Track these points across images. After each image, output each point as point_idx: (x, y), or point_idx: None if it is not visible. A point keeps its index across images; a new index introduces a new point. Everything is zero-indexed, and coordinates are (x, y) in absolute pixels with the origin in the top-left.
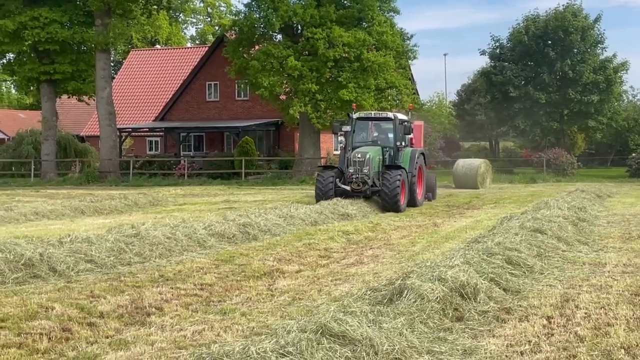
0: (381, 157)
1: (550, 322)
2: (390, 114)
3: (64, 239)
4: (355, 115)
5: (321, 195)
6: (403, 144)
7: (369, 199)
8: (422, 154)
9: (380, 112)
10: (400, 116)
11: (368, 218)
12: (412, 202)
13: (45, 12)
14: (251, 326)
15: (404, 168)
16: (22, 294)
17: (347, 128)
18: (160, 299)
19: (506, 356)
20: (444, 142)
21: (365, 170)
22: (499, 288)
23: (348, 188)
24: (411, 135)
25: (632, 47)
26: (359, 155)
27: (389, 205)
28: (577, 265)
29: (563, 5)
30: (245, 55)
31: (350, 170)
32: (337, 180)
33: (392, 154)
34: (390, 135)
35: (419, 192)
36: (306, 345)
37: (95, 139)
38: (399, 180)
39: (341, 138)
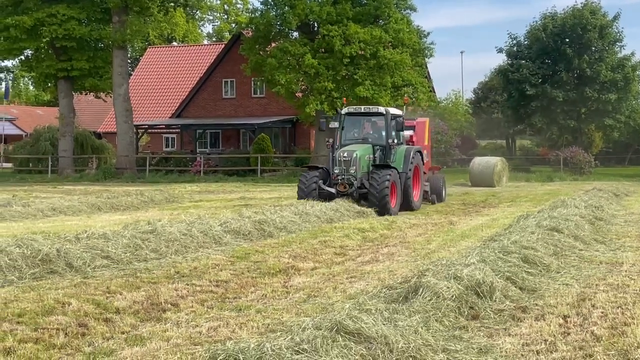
0: (371, 156)
1: (566, 322)
2: (381, 109)
3: (80, 235)
4: (343, 111)
5: (303, 197)
6: (396, 141)
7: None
8: (419, 152)
9: (371, 107)
10: (393, 111)
11: (384, 216)
12: (407, 205)
13: (63, 9)
14: (266, 323)
15: (394, 168)
16: (39, 290)
17: (336, 124)
18: (176, 295)
19: (522, 355)
20: (461, 140)
21: (352, 171)
22: (515, 287)
23: (333, 190)
24: (411, 132)
25: None
26: (345, 155)
27: (378, 208)
28: (594, 264)
29: (581, 3)
30: (261, 53)
31: (336, 171)
32: (322, 181)
33: (384, 152)
34: (383, 132)
35: (415, 194)
36: (321, 343)
37: (112, 136)
38: (388, 180)
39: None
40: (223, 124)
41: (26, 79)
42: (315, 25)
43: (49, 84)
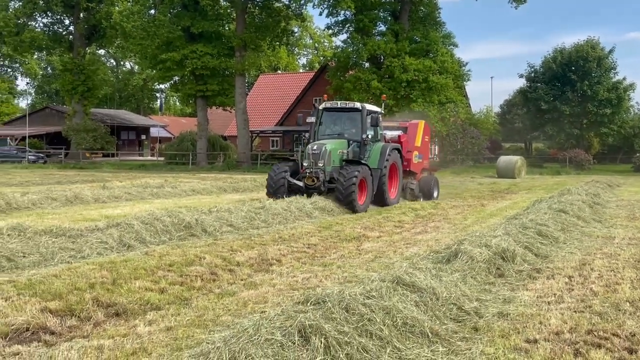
0: (345, 151)
1: (571, 280)
2: (357, 104)
3: (212, 209)
4: (321, 106)
5: (271, 192)
6: (370, 136)
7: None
8: (397, 149)
9: (347, 102)
10: (370, 107)
11: (431, 199)
12: (382, 201)
13: (201, 47)
14: (344, 276)
15: (365, 164)
16: (183, 247)
17: (312, 119)
18: (279, 254)
19: (537, 305)
20: (490, 143)
21: (320, 164)
22: (532, 253)
23: (301, 184)
24: (400, 132)
25: (639, 71)
26: (315, 148)
27: (343, 203)
28: (592, 238)
29: (584, 40)
30: (341, 78)
31: (305, 164)
32: (292, 174)
33: (360, 147)
34: (359, 128)
35: (392, 192)
36: (385, 291)
37: (234, 138)
38: (355, 177)
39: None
40: None
41: (174, 97)
42: (382, 58)
43: (190, 101)
